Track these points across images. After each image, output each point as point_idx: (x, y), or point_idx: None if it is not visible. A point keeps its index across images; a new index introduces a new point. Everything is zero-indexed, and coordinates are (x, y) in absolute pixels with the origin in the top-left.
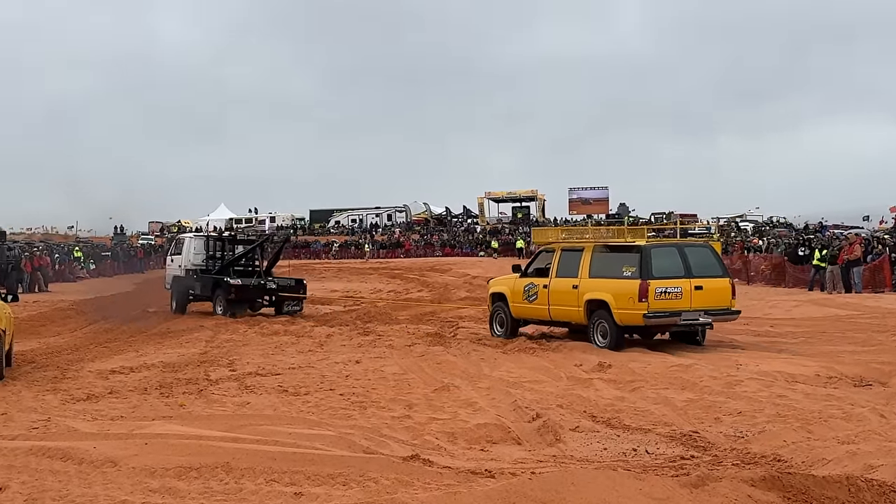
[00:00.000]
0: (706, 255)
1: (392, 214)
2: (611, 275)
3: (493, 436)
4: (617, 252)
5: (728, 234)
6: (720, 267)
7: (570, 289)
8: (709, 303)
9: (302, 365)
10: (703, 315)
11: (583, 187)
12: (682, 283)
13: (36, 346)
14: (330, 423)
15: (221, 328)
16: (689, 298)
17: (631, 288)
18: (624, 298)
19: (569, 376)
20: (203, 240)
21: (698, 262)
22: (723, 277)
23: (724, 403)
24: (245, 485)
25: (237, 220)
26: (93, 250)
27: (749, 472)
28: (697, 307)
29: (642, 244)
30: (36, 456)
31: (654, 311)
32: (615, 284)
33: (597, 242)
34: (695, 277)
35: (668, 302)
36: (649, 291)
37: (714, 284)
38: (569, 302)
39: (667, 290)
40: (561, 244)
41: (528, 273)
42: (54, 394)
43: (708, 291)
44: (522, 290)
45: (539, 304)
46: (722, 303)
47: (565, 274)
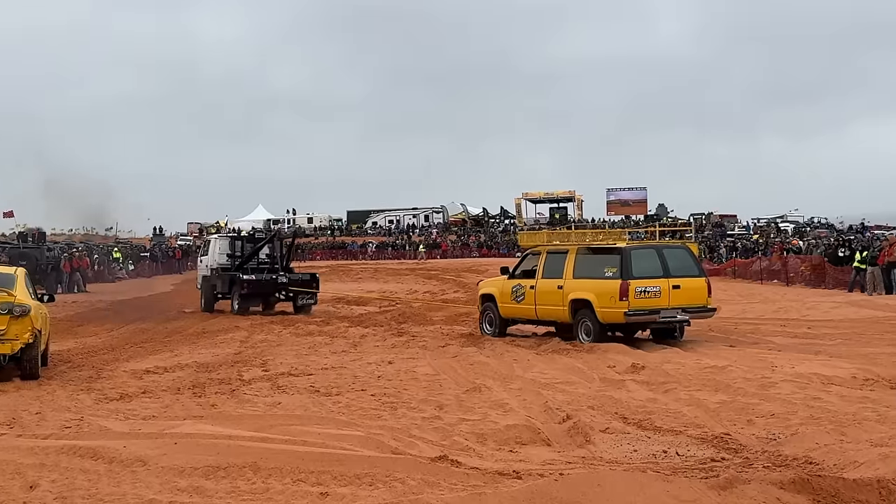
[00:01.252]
0: (683, 256)
1: (429, 215)
2: (593, 275)
3: (522, 437)
4: (599, 254)
5: (768, 235)
6: (696, 267)
7: (556, 289)
8: (686, 301)
9: (335, 365)
10: (681, 312)
11: (621, 188)
12: (660, 282)
13: (72, 346)
14: (360, 424)
15: (256, 329)
16: (667, 297)
17: (612, 288)
18: (606, 298)
19: (601, 378)
20: (227, 240)
21: (676, 262)
22: (699, 277)
23: (758, 405)
24: (272, 484)
25: (275, 220)
26: (131, 251)
27: (779, 474)
28: (675, 305)
29: (623, 246)
30: (67, 455)
31: (635, 309)
32: (598, 285)
33: (580, 245)
34: (673, 277)
35: (647, 300)
36: (630, 291)
37: (691, 284)
38: (554, 302)
39: (646, 290)
40: (546, 247)
41: (515, 275)
42: (88, 393)
43: (685, 290)
44: (510, 290)
45: (526, 304)
46: (699, 301)
47: (551, 275)
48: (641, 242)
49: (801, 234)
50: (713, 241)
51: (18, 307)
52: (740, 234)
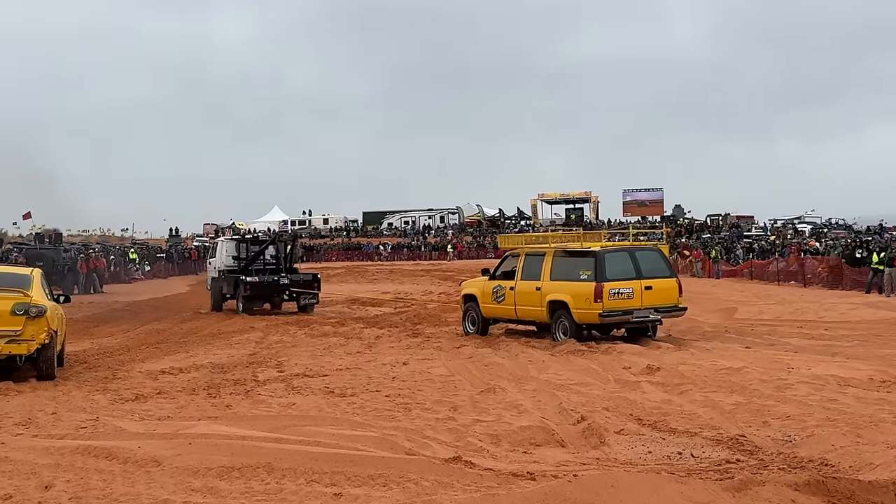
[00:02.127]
0: (655, 258)
1: (445, 216)
2: (569, 278)
3: (536, 438)
4: (575, 257)
5: (785, 236)
6: (668, 268)
7: (534, 290)
8: (658, 301)
9: (349, 366)
10: (653, 312)
11: (637, 189)
12: (633, 284)
13: (88, 347)
14: (374, 425)
15: (272, 330)
16: (640, 298)
17: (587, 290)
18: (582, 299)
19: (616, 379)
20: (233, 243)
21: (648, 264)
22: (670, 278)
23: (773, 407)
24: (286, 485)
25: (291, 221)
26: (148, 252)
27: (794, 476)
28: (648, 305)
29: (597, 249)
30: (82, 455)
31: (609, 310)
32: (573, 286)
33: (557, 248)
34: (645, 278)
35: (621, 301)
36: (604, 293)
37: (662, 284)
38: (533, 302)
39: (620, 291)
40: (525, 249)
41: (496, 276)
42: (104, 394)
43: (657, 291)
44: (491, 291)
45: (507, 304)
46: (670, 301)
47: (529, 277)
48: (614, 245)
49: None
50: (730, 243)
51: (35, 308)
52: (757, 235)
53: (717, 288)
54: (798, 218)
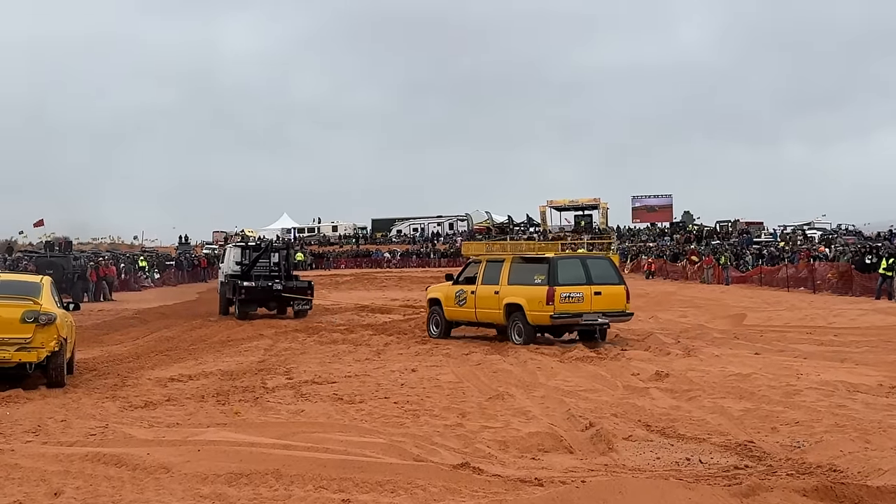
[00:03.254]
0: (605, 266)
1: (454, 223)
2: (525, 282)
3: (545, 444)
4: (531, 263)
5: (794, 242)
6: (617, 276)
7: (493, 294)
8: (606, 306)
9: (358, 373)
10: (602, 316)
11: (646, 195)
12: (583, 289)
13: (98, 354)
14: (382, 431)
15: (281, 337)
16: (589, 302)
17: (541, 293)
18: (535, 302)
19: (625, 385)
20: (238, 250)
21: (598, 271)
22: (619, 284)
23: (782, 413)
24: (294, 491)
25: (300, 229)
26: (157, 260)
27: (802, 482)
28: (597, 310)
29: (551, 256)
30: (91, 462)
31: (560, 312)
32: (528, 290)
33: (514, 255)
34: (595, 284)
35: (571, 305)
36: (555, 296)
37: (611, 291)
38: (491, 306)
39: (570, 295)
40: (486, 256)
41: (459, 281)
42: (113, 401)
43: (606, 296)
44: (454, 295)
45: (468, 307)
46: (618, 306)
47: (489, 282)
48: (567, 253)
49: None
50: (739, 249)
51: (44, 315)
52: (767, 241)
53: (727, 294)
54: (808, 224)
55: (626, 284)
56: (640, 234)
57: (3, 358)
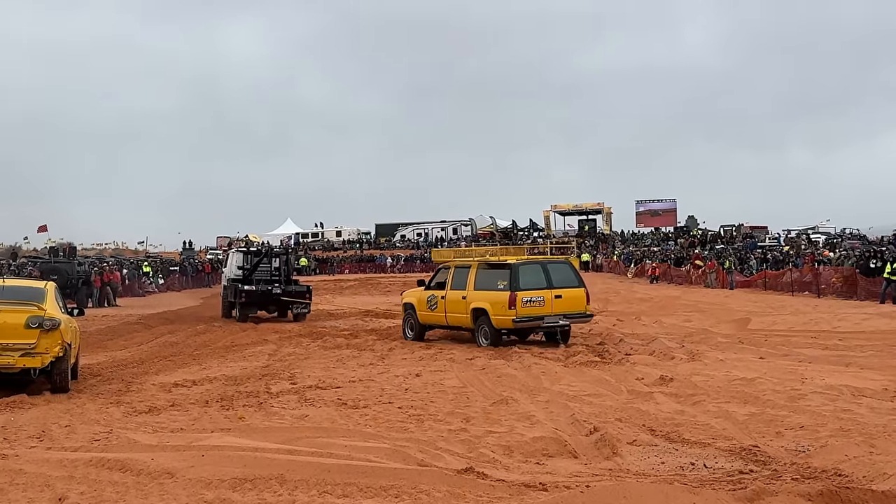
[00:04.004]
0: (566, 270)
1: (458, 228)
2: (490, 287)
3: (549, 449)
4: (494, 269)
5: (798, 247)
6: (577, 279)
7: (461, 299)
8: (567, 308)
9: (362, 378)
10: (563, 318)
11: (650, 200)
12: (544, 293)
13: (102, 360)
14: (386, 436)
15: (285, 342)
16: (550, 305)
17: (504, 298)
18: (499, 306)
19: (629, 390)
20: (240, 255)
21: (559, 275)
22: (579, 287)
23: (787, 417)
24: (298, 496)
25: (303, 234)
26: (161, 265)
27: (807, 486)
28: (557, 312)
29: (512, 262)
30: (96, 467)
31: (522, 316)
32: (492, 295)
33: (480, 261)
34: (555, 288)
35: (532, 308)
36: (517, 300)
37: (571, 294)
38: (460, 310)
39: (532, 300)
40: (455, 262)
41: (431, 286)
42: (117, 406)
43: (566, 299)
44: (426, 300)
45: (438, 311)
46: (578, 308)
47: (457, 287)
48: (528, 258)
49: (832, 246)
50: (743, 253)
51: (48, 321)
52: (771, 245)
53: (731, 298)
54: (812, 228)
55: (585, 287)
56: (644, 239)
57: (8, 363)
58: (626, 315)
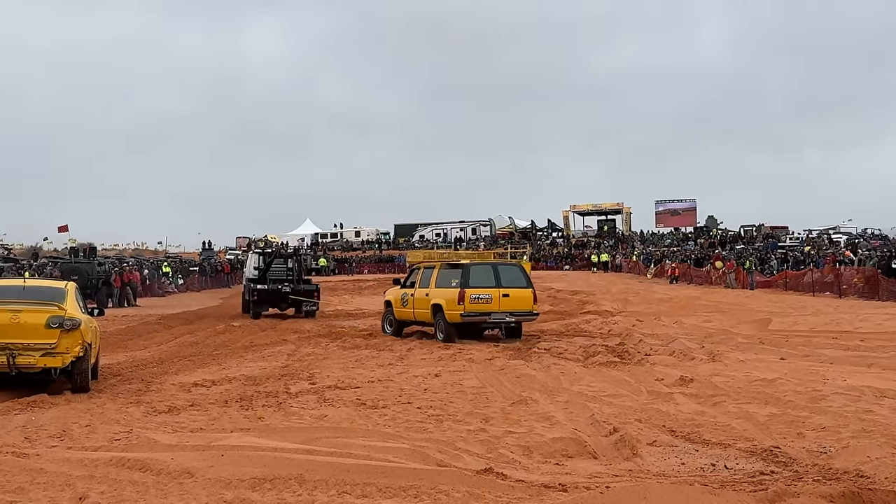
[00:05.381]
0: (515, 271)
1: (476, 228)
2: (447, 285)
3: (568, 450)
4: (452, 268)
5: (819, 247)
6: (525, 280)
7: (425, 296)
8: (514, 307)
9: (381, 378)
10: (509, 316)
11: (670, 200)
12: (492, 291)
13: (122, 360)
14: (405, 436)
15: (304, 342)
16: (497, 303)
17: (455, 294)
18: (451, 302)
19: (649, 390)
20: (257, 255)
21: (508, 276)
22: (527, 288)
23: (808, 418)
24: (317, 496)
25: (322, 234)
26: (181, 265)
27: (829, 487)
28: (504, 310)
29: (466, 263)
30: (116, 467)
31: (469, 311)
32: (447, 292)
33: (442, 262)
34: (504, 288)
35: (480, 305)
36: (466, 297)
37: (519, 293)
38: (424, 307)
39: (480, 297)
40: (424, 263)
41: (405, 285)
42: (137, 406)
43: (514, 298)
44: (400, 298)
45: (409, 308)
46: (525, 307)
47: (424, 285)
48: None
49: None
50: (764, 253)
51: (69, 321)
52: (792, 245)
53: (751, 299)
54: (833, 228)
55: (533, 288)
56: (663, 239)
57: (29, 363)
58: (646, 315)
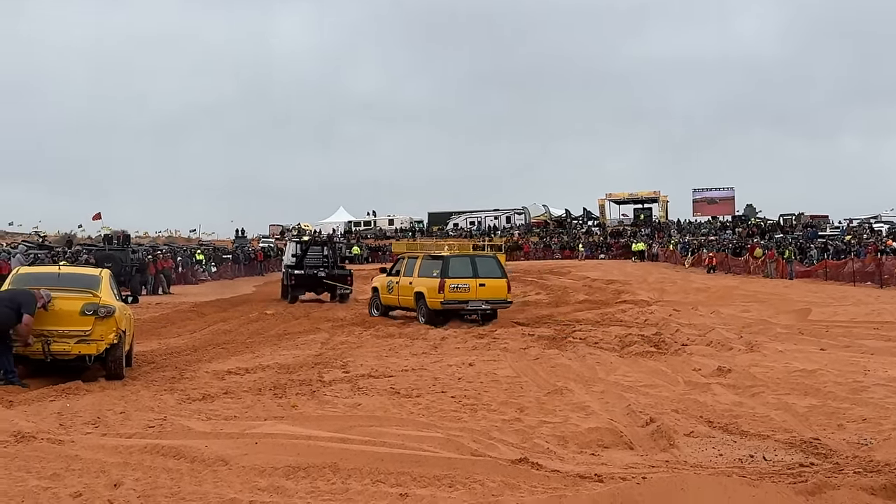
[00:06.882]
0: (492, 263)
1: (511, 217)
2: (428, 275)
3: (604, 440)
4: (434, 260)
5: (861, 236)
6: (500, 271)
7: (409, 284)
8: (490, 295)
9: (415, 367)
10: (485, 304)
11: (707, 188)
12: (469, 281)
13: (156, 347)
14: (439, 426)
15: (337, 331)
16: (475, 292)
17: (435, 283)
18: (432, 291)
19: (686, 381)
20: (295, 243)
21: (485, 267)
22: (501, 278)
23: (849, 410)
24: (351, 485)
25: (356, 222)
26: (214, 253)
27: (870, 480)
28: (481, 298)
29: (446, 254)
30: (150, 454)
31: (448, 299)
32: (429, 281)
33: (425, 253)
34: (480, 278)
35: (458, 293)
36: (445, 286)
37: (494, 283)
38: (408, 294)
39: (458, 286)
40: (408, 254)
41: (392, 273)
42: (171, 393)
43: (489, 287)
44: (386, 285)
45: (394, 294)
46: (500, 296)
47: (408, 274)
48: (461, 252)
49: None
50: (803, 242)
51: (103, 308)
52: (832, 234)
53: (791, 289)
54: (875, 217)
55: (507, 278)
56: (701, 228)
57: (63, 350)
58: (683, 305)
